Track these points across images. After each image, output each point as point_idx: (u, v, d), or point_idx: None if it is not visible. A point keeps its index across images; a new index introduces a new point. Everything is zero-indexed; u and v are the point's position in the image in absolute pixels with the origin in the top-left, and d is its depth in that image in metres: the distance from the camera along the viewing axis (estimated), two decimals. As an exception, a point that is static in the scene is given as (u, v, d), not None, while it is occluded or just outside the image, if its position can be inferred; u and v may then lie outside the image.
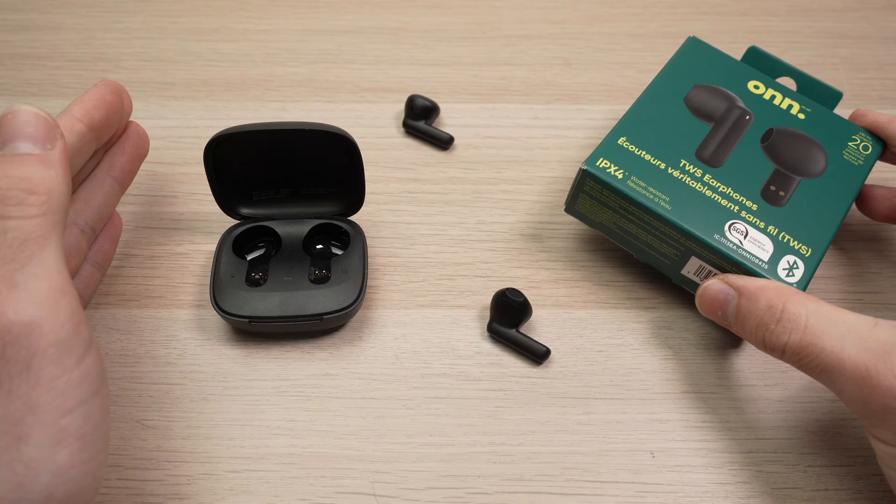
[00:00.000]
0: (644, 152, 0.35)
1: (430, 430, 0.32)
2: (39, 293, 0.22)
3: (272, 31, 0.50)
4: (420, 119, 0.43)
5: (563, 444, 0.32)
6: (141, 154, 0.36)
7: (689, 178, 0.34)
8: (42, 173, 0.24)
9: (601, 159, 0.34)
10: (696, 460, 0.32)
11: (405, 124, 0.44)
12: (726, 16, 0.53)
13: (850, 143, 0.37)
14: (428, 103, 0.43)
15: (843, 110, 0.41)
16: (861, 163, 0.36)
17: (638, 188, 0.33)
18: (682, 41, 0.50)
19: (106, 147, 0.35)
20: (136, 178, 0.41)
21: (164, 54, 0.48)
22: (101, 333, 0.35)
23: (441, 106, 0.45)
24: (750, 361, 0.35)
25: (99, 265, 0.35)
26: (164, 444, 0.32)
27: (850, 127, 0.38)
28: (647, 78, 0.43)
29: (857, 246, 0.40)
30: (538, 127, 0.45)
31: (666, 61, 0.50)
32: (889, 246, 0.40)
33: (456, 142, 0.44)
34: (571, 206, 0.36)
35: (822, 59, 0.50)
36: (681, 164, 0.35)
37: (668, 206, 0.33)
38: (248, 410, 0.33)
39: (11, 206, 0.23)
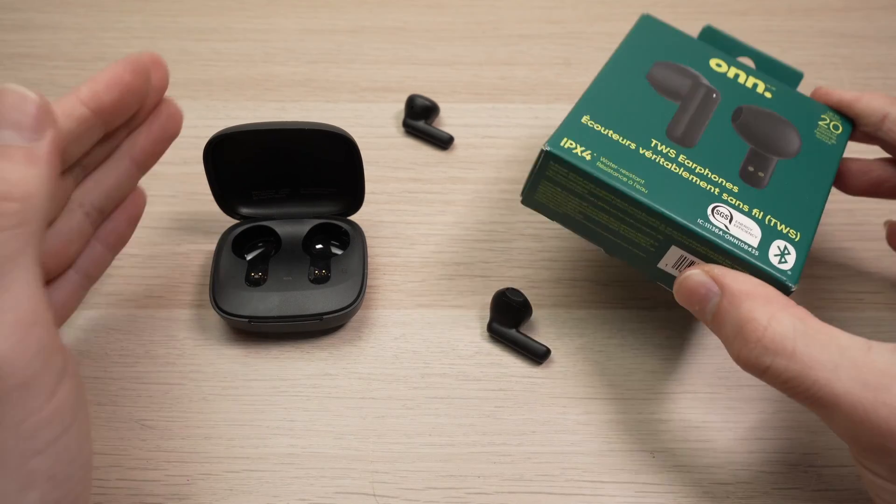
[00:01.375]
0: (611, 131, 0.31)
1: (429, 430, 0.32)
2: (4, 328, 0.20)
3: (272, 30, 0.50)
4: (420, 119, 0.43)
5: (563, 444, 0.32)
6: (169, 135, 0.31)
7: (662, 159, 0.31)
8: (22, 172, 0.21)
9: (565, 139, 0.31)
10: (697, 460, 0.32)
11: (405, 124, 0.44)
12: (726, 15, 0.53)
13: (819, 123, 0.35)
14: (428, 103, 0.43)
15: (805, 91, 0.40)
16: (834, 142, 0.34)
17: (609, 170, 0.30)
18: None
19: (131, 128, 0.30)
20: (136, 178, 0.41)
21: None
22: (100, 333, 0.35)
23: (441, 106, 0.45)
24: (750, 361, 0.35)
25: (111, 246, 0.31)
26: (163, 444, 0.32)
27: (818, 106, 0.36)
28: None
29: (858, 245, 0.40)
30: (538, 127, 0.45)
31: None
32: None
33: (456, 142, 0.44)
34: (530, 197, 0.32)
35: (822, 58, 0.50)
36: (652, 144, 0.31)
37: (644, 190, 0.30)
38: (248, 410, 0.33)
39: None
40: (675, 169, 0.31)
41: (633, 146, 0.31)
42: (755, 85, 0.36)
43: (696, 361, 0.35)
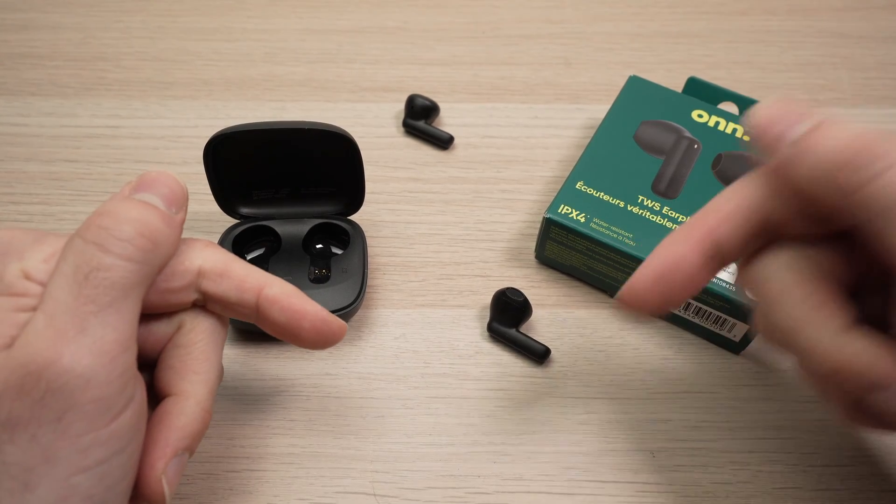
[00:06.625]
0: (602, 193, 0.36)
1: (429, 430, 0.32)
2: (103, 344, 0.22)
3: (272, 30, 0.50)
4: (420, 119, 0.43)
5: (563, 444, 0.32)
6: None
7: (648, 213, 0.35)
8: (158, 224, 0.24)
9: (562, 206, 0.35)
10: (697, 460, 0.32)
11: (405, 124, 0.44)
12: (726, 16, 0.53)
13: None
14: (428, 103, 0.43)
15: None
16: None
17: (601, 229, 0.35)
18: (682, 41, 0.51)
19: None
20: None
21: (163, 54, 0.48)
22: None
23: (441, 105, 0.45)
24: (750, 362, 0.35)
25: None
26: (163, 443, 0.31)
27: None
28: (648, 77, 0.43)
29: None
30: (538, 127, 0.45)
31: (666, 61, 0.50)
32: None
33: (456, 141, 0.44)
34: (541, 253, 0.37)
35: (822, 58, 0.50)
36: (639, 200, 0.36)
37: (632, 243, 0.34)
38: (248, 410, 0.33)
39: (116, 240, 0.22)
40: (660, 220, 0.35)
41: (622, 204, 0.36)
42: (734, 130, 0.39)
43: (695, 361, 0.35)
